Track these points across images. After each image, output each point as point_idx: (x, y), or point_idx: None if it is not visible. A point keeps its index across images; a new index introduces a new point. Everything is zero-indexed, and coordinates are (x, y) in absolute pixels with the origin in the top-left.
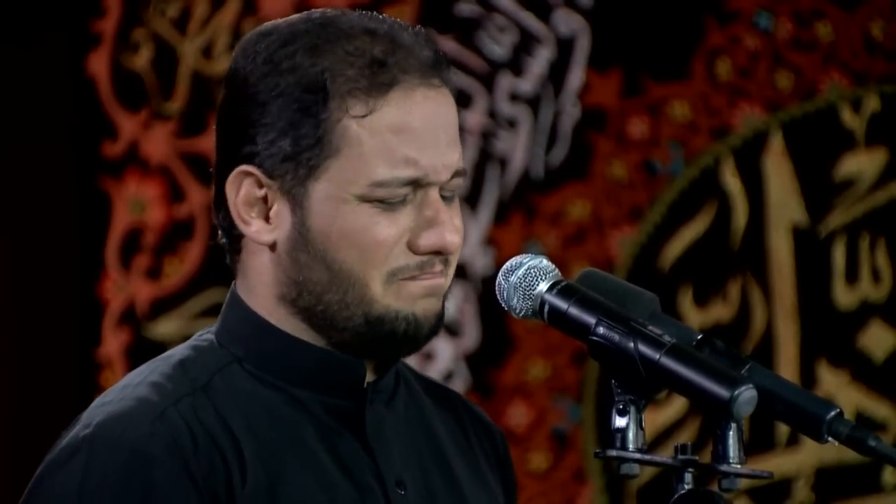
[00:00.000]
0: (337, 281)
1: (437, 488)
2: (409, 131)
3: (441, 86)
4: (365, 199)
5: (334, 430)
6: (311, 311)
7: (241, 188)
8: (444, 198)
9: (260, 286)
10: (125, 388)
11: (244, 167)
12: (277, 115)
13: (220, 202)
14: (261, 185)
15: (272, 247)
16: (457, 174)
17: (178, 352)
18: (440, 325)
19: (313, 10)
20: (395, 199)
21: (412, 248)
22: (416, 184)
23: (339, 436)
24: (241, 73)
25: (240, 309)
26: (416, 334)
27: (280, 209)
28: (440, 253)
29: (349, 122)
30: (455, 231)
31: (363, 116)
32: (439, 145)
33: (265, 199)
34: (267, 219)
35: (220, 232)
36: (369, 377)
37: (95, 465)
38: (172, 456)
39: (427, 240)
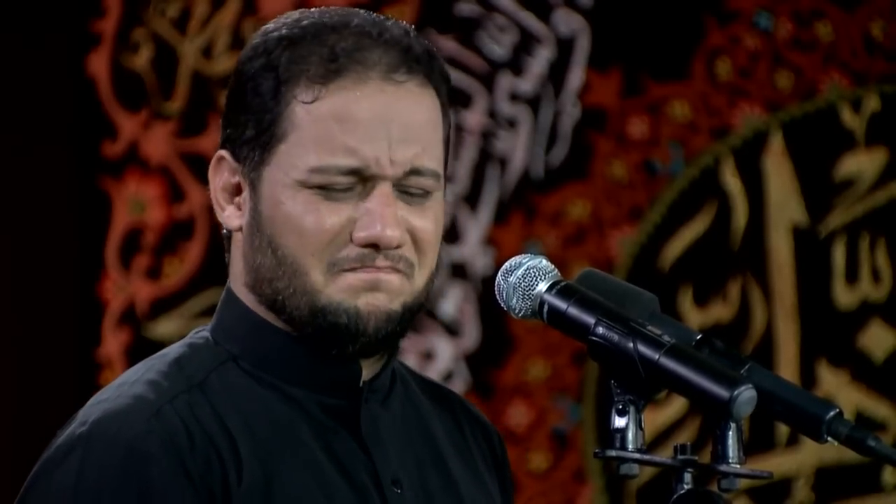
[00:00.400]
0: (282, 268)
1: (433, 487)
2: (352, 121)
3: (406, 81)
4: (305, 185)
5: (330, 428)
6: (267, 298)
7: (221, 175)
8: (410, 195)
9: (237, 274)
10: (121, 385)
11: (220, 152)
12: (246, 100)
13: None
14: (234, 172)
15: (241, 233)
16: (415, 172)
17: (173, 350)
18: (393, 325)
19: (320, 7)
20: (335, 186)
21: (352, 240)
22: (360, 175)
23: (335, 434)
24: (237, 61)
25: (235, 307)
26: (359, 329)
27: (246, 194)
28: (377, 247)
29: (297, 107)
30: (395, 226)
31: (310, 102)
32: (387, 139)
33: (238, 186)
34: (239, 205)
35: (222, 229)
36: (365, 376)
37: (92, 463)
38: (168, 453)
39: (361, 231)
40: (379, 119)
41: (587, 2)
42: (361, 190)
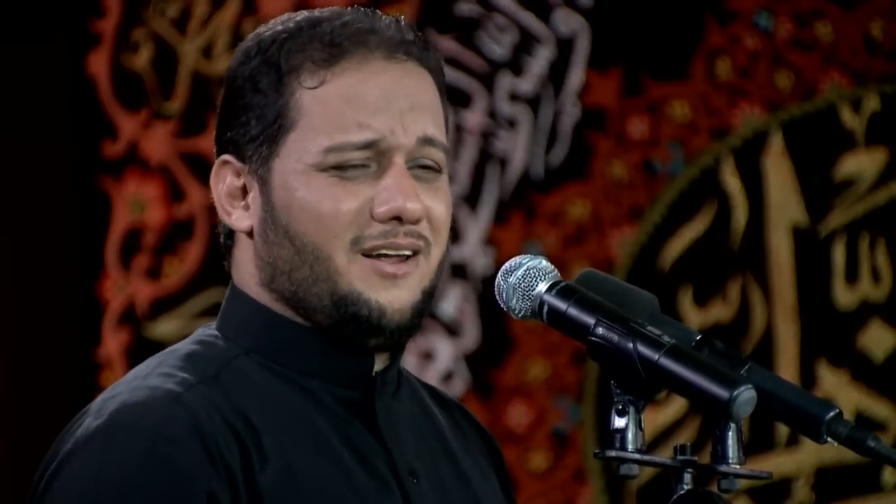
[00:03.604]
0: (302, 255)
1: (446, 479)
2: (361, 99)
3: (407, 60)
4: (320, 168)
5: (345, 419)
6: (286, 293)
7: (224, 179)
8: (424, 168)
9: (247, 276)
10: (134, 380)
11: (222, 157)
12: (245, 100)
13: None
14: (238, 174)
15: (250, 233)
16: (427, 142)
17: (182, 346)
18: (415, 316)
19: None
20: (351, 163)
21: (374, 216)
22: (375, 148)
23: (350, 425)
24: (227, 69)
25: (243, 303)
26: (381, 322)
27: (254, 193)
28: (401, 221)
29: (302, 94)
30: (415, 198)
31: (315, 88)
32: (398, 111)
33: (244, 187)
34: (247, 206)
35: (220, 235)
36: (377, 367)
37: (113, 453)
38: (193, 438)
39: (383, 205)
40: (387, 94)
41: (587, 2)
42: (376, 168)
